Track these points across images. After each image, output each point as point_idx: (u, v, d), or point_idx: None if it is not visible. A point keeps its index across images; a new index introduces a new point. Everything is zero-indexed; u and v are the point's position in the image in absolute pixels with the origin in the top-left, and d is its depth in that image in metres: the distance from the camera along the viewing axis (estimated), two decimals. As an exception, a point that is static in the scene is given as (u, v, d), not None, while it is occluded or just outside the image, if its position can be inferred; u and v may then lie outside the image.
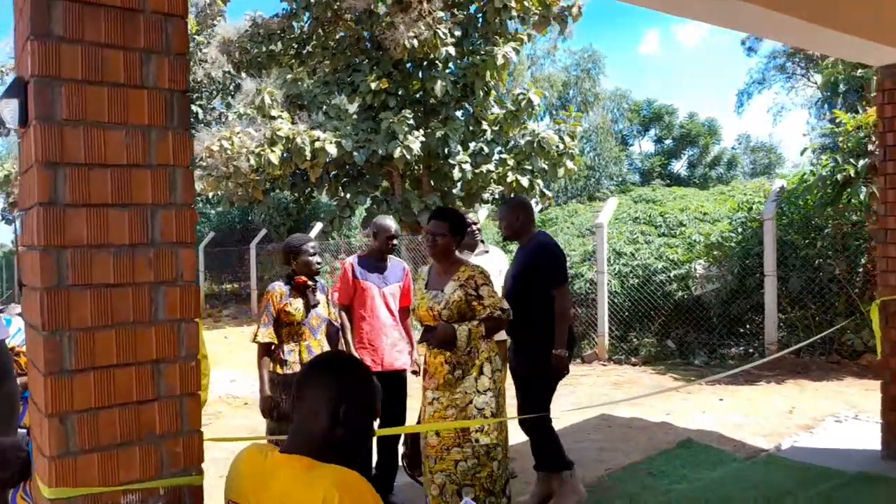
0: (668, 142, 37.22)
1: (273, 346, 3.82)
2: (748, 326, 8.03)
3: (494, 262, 4.74)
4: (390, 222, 4.32)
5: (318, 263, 3.91)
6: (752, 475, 4.32)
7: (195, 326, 1.63)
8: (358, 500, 1.41)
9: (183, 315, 1.61)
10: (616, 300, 8.62)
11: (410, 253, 12.45)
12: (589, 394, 6.70)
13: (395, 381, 4.20)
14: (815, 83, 31.31)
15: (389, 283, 4.26)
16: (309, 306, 3.84)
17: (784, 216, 7.56)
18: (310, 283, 3.86)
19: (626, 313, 8.56)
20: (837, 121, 6.94)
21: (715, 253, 7.95)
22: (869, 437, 4.86)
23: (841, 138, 6.70)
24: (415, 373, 4.22)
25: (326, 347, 3.94)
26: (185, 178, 1.61)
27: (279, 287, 3.84)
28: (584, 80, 36.27)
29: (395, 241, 4.31)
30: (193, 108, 20.58)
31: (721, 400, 6.13)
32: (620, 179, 33.29)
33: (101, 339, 1.51)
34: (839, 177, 6.46)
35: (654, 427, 5.47)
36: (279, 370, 3.77)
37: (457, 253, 3.58)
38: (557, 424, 5.72)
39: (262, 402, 3.77)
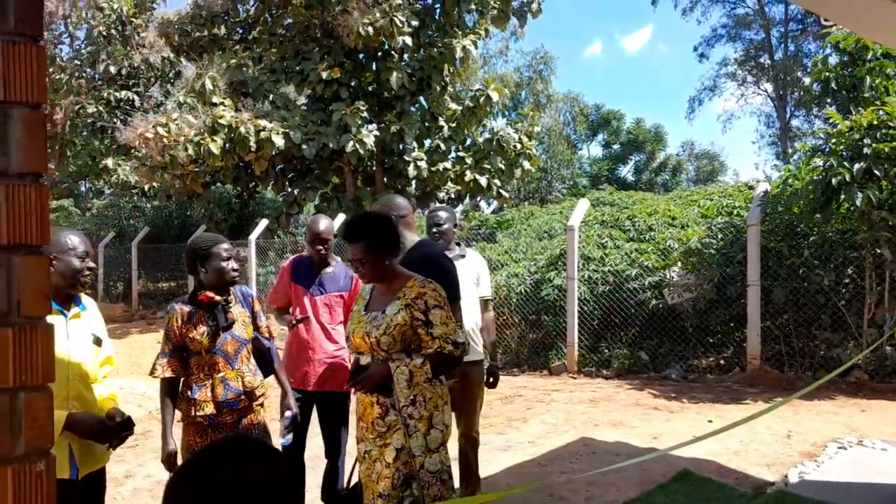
0: (615, 147, 37.38)
1: (180, 381, 2.99)
2: (726, 337, 7.59)
3: (470, 267, 4.06)
4: (321, 223, 3.68)
5: (235, 270, 2.99)
6: (768, 518, 3.77)
7: (46, 401, 0.90)
8: None
9: (21, 380, 0.87)
10: (586, 308, 8.07)
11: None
12: (566, 412, 6.09)
13: (327, 403, 3.63)
14: (766, 91, 31.86)
15: (327, 291, 3.66)
16: (218, 329, 2.94)
17: (767, 222, 7.12)
18: (217, 298, 2.95)
19: (597, 322, 8.01)
20: (830, 121, 6.52)
21: (692, 260, 7.47)
22: (880, 466, 4.40)
23: (833, 140, 6.28)
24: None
25: (250, 377, 3.01)
26: (30, 129, 0.87)
27: (179, 308, 2.96)
28: (536, 81, 36.00)
29: (325, 245, 3.66)
30: (129, 95, 19.28)
31: (710, 421, 5.59)
32: (571, 183, 33.13)
33: None
34: (833, 181, 6.03)
35: (642, 454, 4.88)
36: (191, 411, 2.93)
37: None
38: (536, 449, 5.12)
39: (163, 454, 2.91)
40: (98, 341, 2.60)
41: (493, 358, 4.17)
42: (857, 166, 6.06)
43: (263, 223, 12.92)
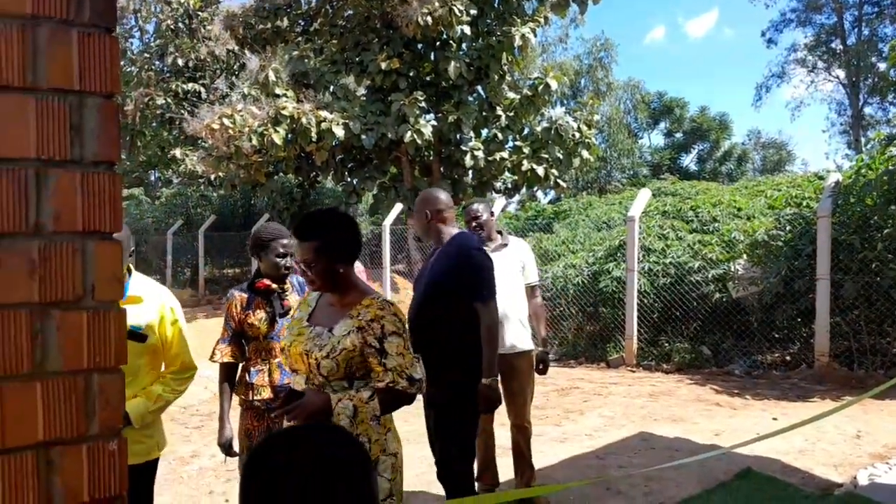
0: (678, 135, 36.41)
1: (239, 366, 3.07)
2: (792, 333, 7.32)
3: (514, 255, 4.01)
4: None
5: (288, 268, 3.02)
6: (837, 521, 3.63)
7: (117, 383, 0.93)
8: None
9: (96, 362, 0.91)
10: (646, 300, 7.91)
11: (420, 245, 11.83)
12: (624, 406, 6.00)
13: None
14: (837, 78, 30.48)
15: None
16: (275, 315, 3.02)
17: (838, 213, 6.82)
18: (273, 286, 3.04)
19: (657, 315, 7.85)
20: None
21: (759, 252, 7.22)
22: (960, 471, 4.18)
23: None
24: None
25: None
26: (104, 118, 0.90)
27: (238, 294, 3.05)
28: (596, 69, 35.33)
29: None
30: (196, 87, 19.86)
31: (775, 419, 5.42)
32: (632, 172, 32.48)
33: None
34: (912, 170, 5.73)
35: (703, 450, 4.76)
36: (248, 395, 3.00)
37: (359, 273, 2.69)
38: (594, 442, 5.07)
39: (219, 438, 2.98)
40: (138, 336, 2.45)
41: (544, 345, 4.13)
42: (937, 155, 5.74)
43: (324, 212, 13.13)
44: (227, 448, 2.99)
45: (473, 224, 3.92)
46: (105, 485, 0.92)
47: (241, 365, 3.08)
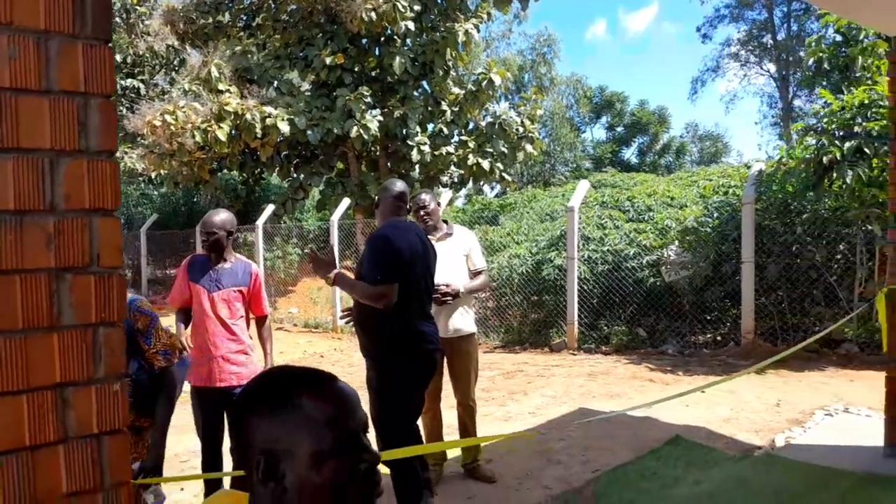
0: (619, 129, 37.32)
1: None
2: (720, 314, 7.80)
3: (458, 244, 4.22)
4: (215, 217, 3.57)
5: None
6: (753, 476, 4.00)
7: (118, 336, 1.12)
8: None
9: (101, 317, 1.10)
10: (585, 287, 8.28)
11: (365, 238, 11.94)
12: (565, 385, 6.33)
13: (219, 401, 3.49)
14: (768, 71, 31.80)
15: (224, 286, 3.59)
16: None
17: (761, 200, 7.31)
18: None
19: (596, 300, 8.23)
20: (824, 101, 6.68)
21: (689, 238, 7.66)
22: (865, 431, 4.61)
23: (826, 119, 6.45)
24: None
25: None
26: (104, 115, 1.09)
27: None
28: (539, 64, 35.97)
29: (217, 240, 3.54)
30: (134, 83, 19.45)
31: (703, 392, 5.82)
32: (574, 166, 33.22)
33: (-30, 355, 0.99)
34: (824, 159, 6.21)
35: (637, 422, 5.13)
36: None
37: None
38: (536, 420, 5.36)
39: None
40: None
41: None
42: (847, 145, 6.23)
43: (270, 209, 13.12)
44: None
45: (421, 213, 4.11)
46: (110, 419, 1.11)
47: None
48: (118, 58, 18.92)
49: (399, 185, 3.51)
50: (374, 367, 3.33)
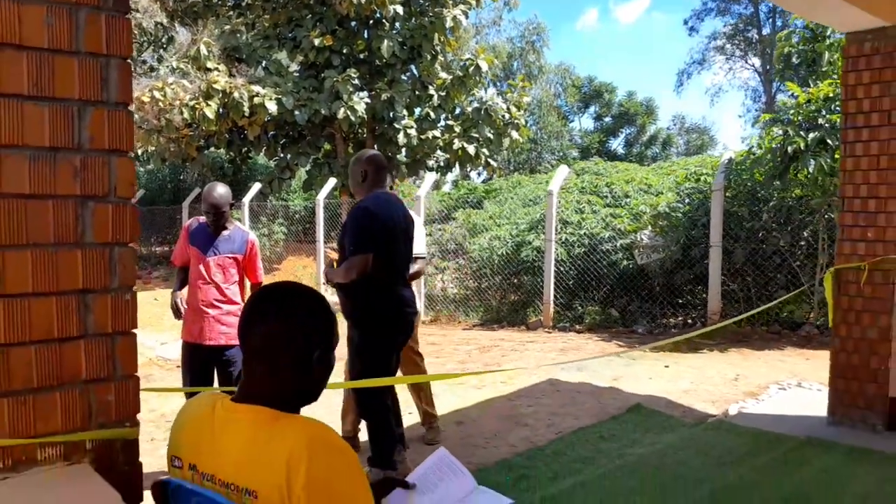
0: (606, 119, 37.61)
1: None
2: (690, 297, 8.12)
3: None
4: (216, 192, 3.77)
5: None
6: (704, 440, 4.31)
7: (131, 254, 1.36)
8: (329, 461, 1.20)
9: (116, 238, 1.34)
10: (562, 268, 8.58)
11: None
12: (536, 359, 6.62)
13: (224, 357, 3.80)
14: (753, 66, 32.17)
15: (221, 252, 3.84)
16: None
17: (731, 188, 7.61)
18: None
19: (572, 281, 8.53)
20: (790, 93, 6.97)
21: (661, 223, 7.96)
22: (813, 403, 4.94)
23: (792, 111, 6.74)
24: None
25: None
26: (122, 74, 1.33)
27: None
28: (528, 52, 36.15)
29: (220, 214, 3.80)
30: (122, 59, 19.40)
31: (666, 367, 6.15)
32: (561, 154, 33.51)
33: (13, 261, 1.23)
34: (789, 149, 6.51)
35: (602, 392, 5.44)
36: None
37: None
38: (507, 388, 5.65)
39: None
40: None
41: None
42: (811, 136, 6.54)
43: (256, 187, 13.30)
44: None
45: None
46: (122, 322, 1.36)
47: None
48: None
49: (379, 157, 3.72)
50: (357, 327, 3.57)
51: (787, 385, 5.52)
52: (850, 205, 4.49)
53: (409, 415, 4.91)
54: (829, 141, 6.57)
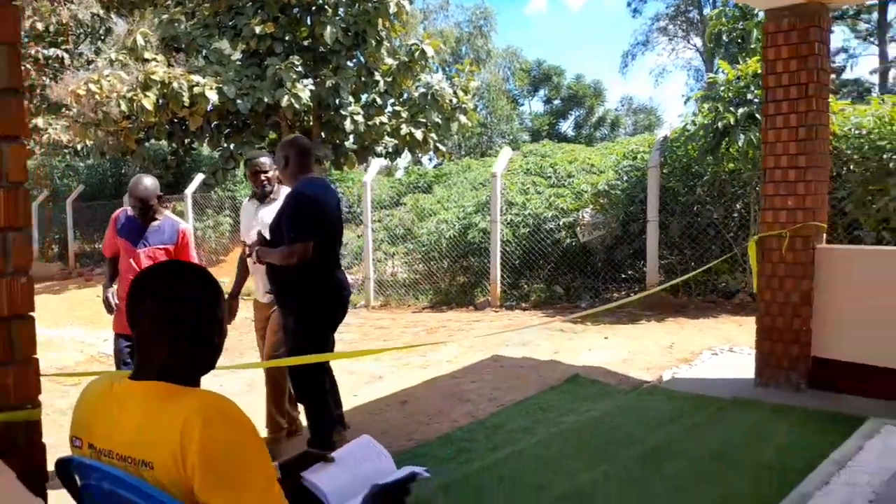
0: (556, 102, 38.02)
1: None
2: (631, 271, 8.35)
3: (276, 209, 3.86)
4: (142, 186, 3.75)
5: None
6: (637, 405, 4.49)
7: (25, 238, 1.39)
8: (226, 428, 1.25)
9: (9, 223, 1.37)
10: (508, 248, 8.72)
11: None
12: (483, 338, 6.75)
13: None
14: (695, 46, 32.83)
15: (150, 244, 3.82)
16: None
17: (667, 164, 7.84)
18: None
19: (518, 261, 8.69)
20: (719, 70, 7.20)
21: (602, 201, 8.16)
22: (743, 366, 5.16)
23: (722, 88, 6.96)
24: None
25: None
26: (10, 60, 1.35)
27: None
28: (476, 36, 36.20)
29: (148, 207, 3.78)
30: (58, 52, 18.78)
31: (606, 338, 6.34)
32: (512, 138, 33.74)
33: None
34: (720, 125, 6.73)
35: (543, 365, 5.59)
36: None
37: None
38: (452, 366, 5.76)
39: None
40: None
41: None
42: (741, 111, 6.78)
43: (199, 178, 13.08)
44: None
45: (260, 178, 4.12)
46: (18, 305, 1.39)
47: None
48: (40, 26, 18.24)
49: (300, 141, 3.70)
50: (294, 314, 3.59)
51: (720, 350, 5.76)
52: (771, 175, 4.69)
53: (354, 397, 5.00)
54: (757, 115, 6.79)
